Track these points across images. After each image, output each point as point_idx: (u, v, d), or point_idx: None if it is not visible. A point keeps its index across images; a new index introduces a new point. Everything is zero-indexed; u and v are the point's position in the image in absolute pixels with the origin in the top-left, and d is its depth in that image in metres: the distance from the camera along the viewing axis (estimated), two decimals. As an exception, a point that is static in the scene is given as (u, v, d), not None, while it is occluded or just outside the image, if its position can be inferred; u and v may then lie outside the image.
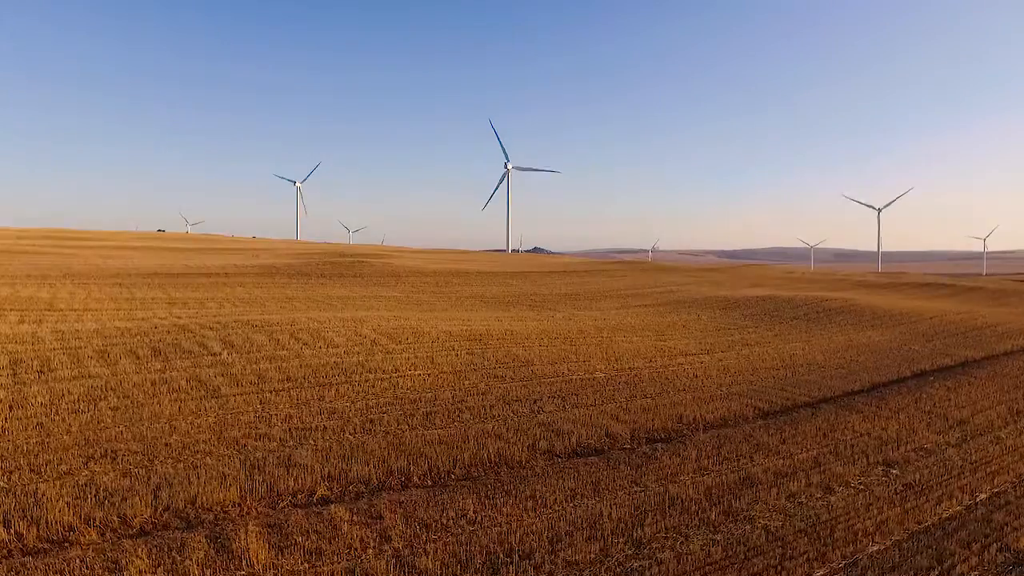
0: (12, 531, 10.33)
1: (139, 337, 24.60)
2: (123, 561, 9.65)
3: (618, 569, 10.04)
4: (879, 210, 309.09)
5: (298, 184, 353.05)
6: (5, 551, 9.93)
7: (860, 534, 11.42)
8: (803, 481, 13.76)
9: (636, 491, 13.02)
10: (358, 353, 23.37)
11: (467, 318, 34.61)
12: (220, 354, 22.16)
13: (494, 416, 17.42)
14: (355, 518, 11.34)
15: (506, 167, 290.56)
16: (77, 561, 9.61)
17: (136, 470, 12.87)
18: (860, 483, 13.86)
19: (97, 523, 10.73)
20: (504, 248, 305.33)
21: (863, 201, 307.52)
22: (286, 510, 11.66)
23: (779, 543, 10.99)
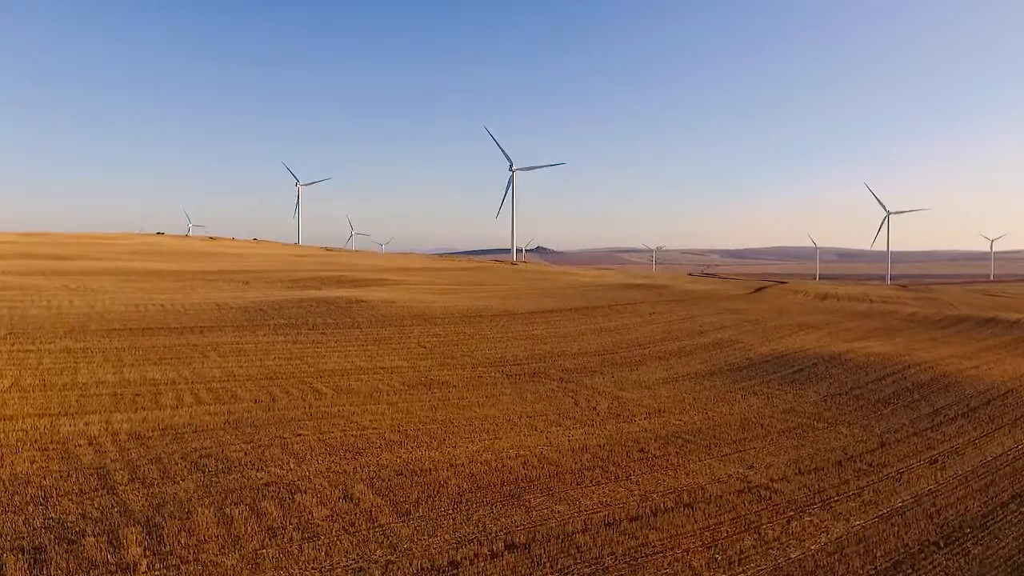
0: None
1: (18, 518, 17.07)
2: None
3: None
4: (888, 213, 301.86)
5: (299, 185, 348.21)
6: None
7: None
8: None
9: None
10: (347, 554, 15.78)
11: (491, 423, 27.03)
12: None
13: None
14: None
15: (511, 170, 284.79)
16: None
17: None
18: None
19: None
20: (509, 248, 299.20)
21: (878, 197, 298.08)
22: None
23: None
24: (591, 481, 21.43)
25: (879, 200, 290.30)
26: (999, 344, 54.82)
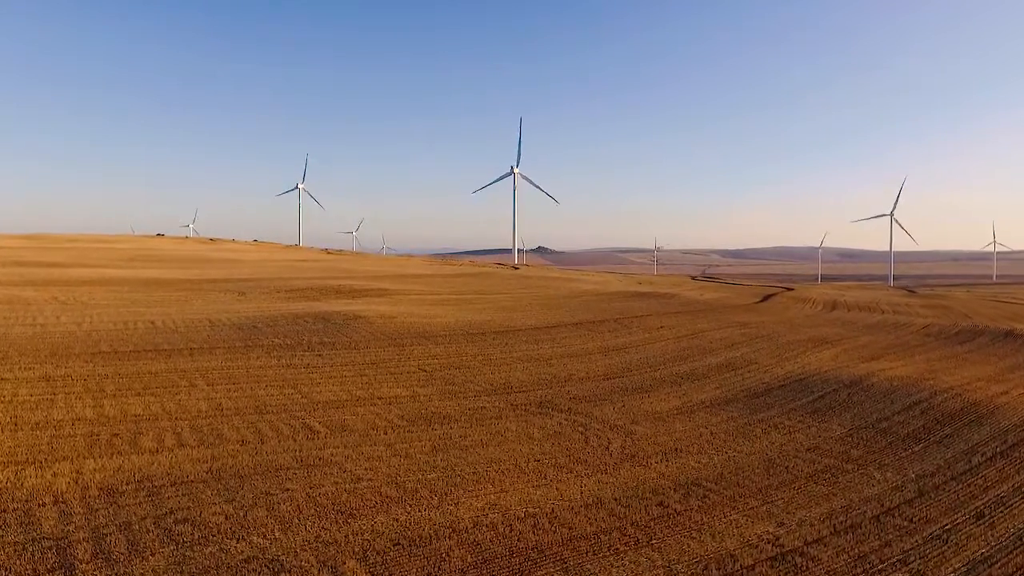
0: None
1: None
2: None
3: None
4: (891, 214, 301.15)
5: (300, 186, 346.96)
6: None
7: None
8: None
9: None
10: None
11: (496, 469, 24.96)
12: None
13: None
14: None
15: (512, 170, 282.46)
16: None
17: None
18: None
19: None
20: (510, 248, 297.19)
21: (872, 215, 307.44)
22: None
23: None
24: (609, 548, 19.34)
25: (874, 215, 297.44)
26: (1023, 362, 52.65)
